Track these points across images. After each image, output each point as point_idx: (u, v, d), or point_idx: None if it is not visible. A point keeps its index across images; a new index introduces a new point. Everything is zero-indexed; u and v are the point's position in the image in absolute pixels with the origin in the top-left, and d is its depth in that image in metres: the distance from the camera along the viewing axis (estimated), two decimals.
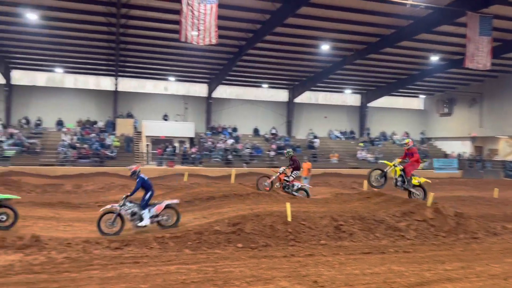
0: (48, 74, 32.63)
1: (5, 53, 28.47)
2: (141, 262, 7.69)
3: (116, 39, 24.90)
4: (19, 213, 10.33)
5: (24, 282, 6.49)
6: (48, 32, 24.42)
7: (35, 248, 8.12)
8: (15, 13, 21.91)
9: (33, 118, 31.29)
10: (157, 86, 35.39)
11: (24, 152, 26.65)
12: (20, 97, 31.78)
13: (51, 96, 32.55)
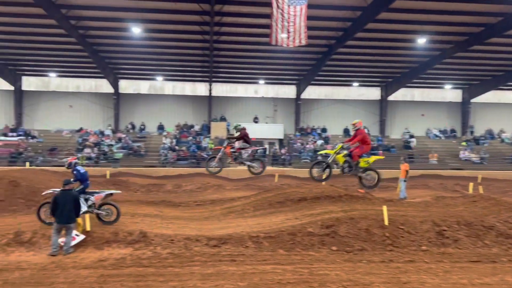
0: (150, 82, 35.31)
1: (114, 65, 31.44)
2: (237, 260, 7.94)
3: (210, 46, 26.10)
4: (121, 210, 11.20)
5: (135, 275, 7.08)
6: (150, 44, 26.45)
7: (143, 243, 8.81)
8: (122, 28, 24.08)
9: (137, 123, 34.11)
10: (247, 89, 36.35)
11: (130, 155, 29.15)
12: (127, 104, 34.88)
13: (153, 102, 35.21)
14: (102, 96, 34.63)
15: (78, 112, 34.29)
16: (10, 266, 7.54)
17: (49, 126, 33.11)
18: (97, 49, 27.72)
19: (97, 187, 18.94)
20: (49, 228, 9.18)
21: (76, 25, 23.44)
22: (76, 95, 34.36)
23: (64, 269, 7.34)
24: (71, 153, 27.73)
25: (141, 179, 23.11)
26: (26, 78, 33.73)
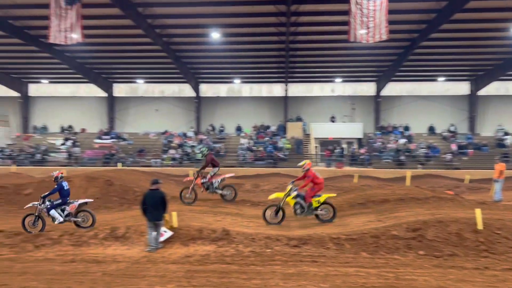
0: (229, 85, 36.37)
1: (195, 70, 32.90)
2: (319, 262, 7.85)
3: (286, 47, 26.21)
4: (204, 208, 11.64)
5: (219, 271, 7.32)
6: (228, 48, 27.26)
7: (226, 241, 9.08)
8: (202, 34, 25.11)
9: (217, 125, 35.33)
10: (324, 88, 35.88)
11: None
12: (207, 107, 36.30)
13: (231, 104, 36.25)
14: (184, 100, 36.38)
15: (163, 115, 36.38)
16: (107, 258, 8.20)
17: (137, 129, 35.54)
18: (180, 55, 29.18)
19: (181, 186, 19.96)
20: (141, 224, 9.84)
21: (161, 34, 24.89)
22: (161, 99, 36.49)
23: (155, 263, 7.82)
24: (157, 154, 29.49)
25: None
26: (117, 85, 36.55)
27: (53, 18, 16.84)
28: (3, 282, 6.67)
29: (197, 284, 6.63)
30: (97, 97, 36.64)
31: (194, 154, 29.92)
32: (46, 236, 9.33)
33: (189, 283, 6.67)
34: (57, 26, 16.87)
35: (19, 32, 24.52)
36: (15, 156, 30.00)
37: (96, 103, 36.92)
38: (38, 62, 31.50)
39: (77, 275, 7.09)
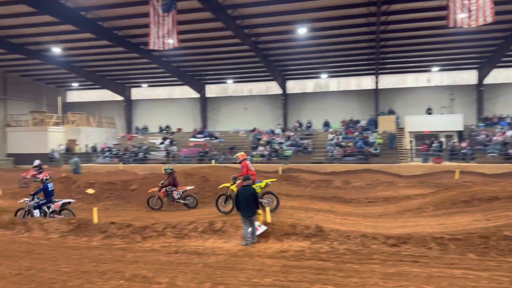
0: (315, 80, 36.04)
1: (282, 67, 33.15)
2: (420, 262, 7.43)
3: (376, 38, 25.18)
4: (295, 204, 11.63)
5: (315, 268, 7.28)
6: (315, 42, 27.00)
7: (319, 237, 8.99)
8: (288, 31, 25.18)
9: (304, 121, 35.21)
10: (418, 79, 33.86)
11: (299, 152, 30.27)
12: (294, 103, 36.38)
13: (318, 100, 35.89)
14: (271, 98, 36.86)
15: (251, 113, 37.27)
16: (207, 251, 8.61)
17: (228, 127, 36.85)
18: (267, 54, 29.59)
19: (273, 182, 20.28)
20: (236, 218, 10.18)
21: (249, 33, 25.45)
22: (249, 98, 37.40)
23: (251, 257, 8.03)
24: (247, 151, 30.25)
25: (310, 175, 23.71)
26: (208, 86, 38.26)
27: (152, 26, 18.13)
28: (117, 270, 7.34)
29: (294, 279, 6.66)
30: (190, 98, 38.71)
31: (282, 151, 30.16)
32: (152, 228, 10.06)
33: (286, 278, 6.72)
34: (155, 33, 18.13)
35: (122, 41, 26.81)
36: (121, 154, 32.90)
37: (190, 104, 39.03)
38: (138, 68, 34.17)
39: (181, 266, 7.54)
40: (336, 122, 34.13)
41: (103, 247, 9.14)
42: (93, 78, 35.80)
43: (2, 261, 8.06)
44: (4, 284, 6.69)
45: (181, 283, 6.62)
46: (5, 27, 25.16)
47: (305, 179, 21.90)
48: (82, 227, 10.37)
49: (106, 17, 23.72)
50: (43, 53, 29.79)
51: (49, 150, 33.51)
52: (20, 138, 34.99)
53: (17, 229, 10.70)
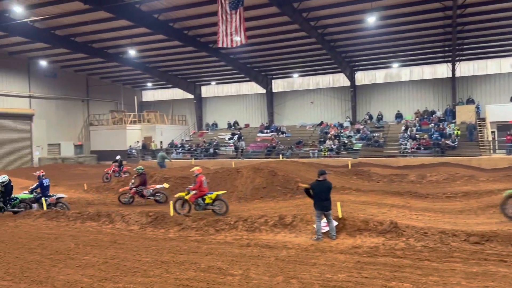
0: (386, 70, 34.66)
1: (350, 58, 32.29)
2: (508, 261, 6.89)
3: (453, 23, 23.60)
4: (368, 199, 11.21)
5: (390, 264, 7.02)
6: (385, 31, 25.94)
7: (394, 234, 8.65)
8: (357, 21, 24.42)
9: (374, 114, 34.04)
10: (502, 64, 31.23)
11: (369, 145, 29.36)
12: (363, 95, 35.32)
13: (389, 91, 34.52)
14: (339, 90, 36.12)
15: (318, 107, 36.81)
16: (278, 244, 8.66)
17: (294, 122, 36.74)
18: (334, 45, 29.00)
19: (340, 177, 19.91)
20: (306, 213, 10.13)
21: (315, 26, 25.08)
22: (316, 91, 36.96)
23: (323, 252, 7.94)
24: (314, 145, 29.95)
25: (381, 169, 22.92)
26: (275, 81, 38.37)
27: (220, 24, 18.53)
28: (193, 261, 7.64)
29: (369, 276, 6.48)
30: (257, 94, 39.13)
31: (351, 144, 29.44)
32: (224, 221, 10.33)
33: (360, 275, 6.56)
34: (223, 31, 18.51)
35: (192, 40, 27.74)
36: (193, 150, 34.17)
37: (257, 100, 39.46)
38: (207, 66, 35.19)
39: (253, 259, 7.66)
40: (409, 114, 32.60)
41: (179, 239, 9.56)
42: (165, 77, 37.49)
43: (90, 250, 8.75)
44: (92, 272, 7.25)
45: (254, 275, 6.73)
46: (86, 33, 27.15)
47: (376, 173, 21.20)
48: (159, 219, 10.92)
49: (177, 18, 24.67)
50: (120, 55, 31.74)
51: (127, 147, 35.73)
52: (102, 136, 37.71)
53: (102, 220, 11.54)
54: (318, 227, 8.88)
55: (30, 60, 32.74)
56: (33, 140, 33.14)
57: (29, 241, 9.75)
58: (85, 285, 6.58)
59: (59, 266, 7.62)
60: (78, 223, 11.60)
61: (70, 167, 32.10)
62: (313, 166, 22.22)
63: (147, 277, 6.84)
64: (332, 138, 30.50)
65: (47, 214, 12.52)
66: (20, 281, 6.94)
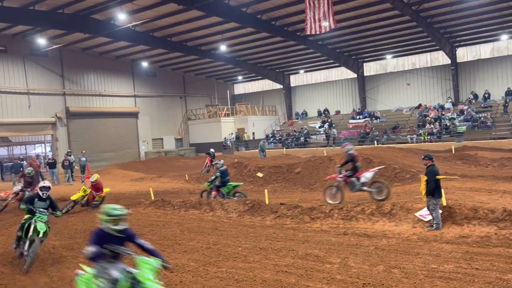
0: (492, 44, 31.34)
1: (449, 33, 29.74)
2: None
3: None
4: (476, 186, 10.33)
5: (504, 256, 6.44)
6: (489, 0, 23.38)
7: (508, 222, 7.90)
8: None
9: (480, 93, 31.06)
10: None
11: (475, 127, 26.92)
12: (466, 73, 32.38)
13: (497, 66, 31.19)
14: (438, 69, 33.62)
15: (415, 88, 34.67)
16: (377, 233, 8.41)
17: (389, 106, 35.08)
18: (431, 22, 26.97)
19: (443, 162, 18.57)
20: (406, 201, 9.66)
21: (409, 3, 23.55)
22: (412, 72, 34.82)
23: (427, 242, 7.53)
24: (413, 129, 28.34)
25: (490, 153, 20.91)
26: (366, 65, 36.92)
27: (307, 11, 18.34)
28: (291, 248, 7.76)
29: (480, 268, 6.00)
30: (348, 79, 38.06)
31: (454, 127, 27.26)
32: (319, 209, 10.30)
33: (470, 266, 6.11)
34: (311, 18, 18.30)
35: (280, 30, 27.83)
36: (284, 140, 34.47)
37: (347, 85, 38.40)
38: (295, 55, 35.07)
39: (351, 247, 7.54)
40: None
41: (275, 226, 9.77)
42: (255, 69, 38.22)
43: (194, 236, 9.34)
44: (197, 256, 7.75)
45: (353, 264, 6.63)
46: (181, 33, 28.73)
47: (484, 157, 19.42)
48: (256, 207, 11.27)
49: (264, 9, 24.92)
50: (212, 51, 33.05)
51: (222, 139, 37.28)
52: (199, 129, 39.83)
53: (203, 208, 12.24)
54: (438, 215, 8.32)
55: (133, 62, 35.65)
56: (139, 136, 36.18)
57: (140, 227, 10.70)
58: (191, 269, 7.06)
59: (167, 251, 8.26)
60: (182, 211, 12.45)
61: (172, 159, 34.48)
62: (411, 152, 21.09)
63: (248, 263, 7.12)
64: (432, 122, 28.54)
65: (155, 203, 13.65)
66: None
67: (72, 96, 31.55)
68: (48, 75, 30.18)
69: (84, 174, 24.89)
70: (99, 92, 33.32)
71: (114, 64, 34.45)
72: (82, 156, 25.02)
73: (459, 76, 32.31)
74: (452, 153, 21.10)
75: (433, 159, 8.68)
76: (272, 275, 6.44)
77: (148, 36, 28.40)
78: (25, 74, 28.78)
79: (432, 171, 8.50)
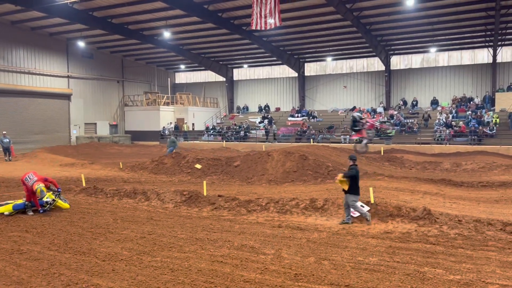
0: (423, 55, 33.65)
1: (386, 42, 31.47)
2: None
3: (496, 5, 22.58)
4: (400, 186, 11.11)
5: (422, 250, 7.02)
6: (424, 14, 25.07)
7: (427, 220, 8.60)
8: (394, 3, 23.71)
9: (409, 99, 33.25)
10: None
11: (403, 131, 28.79)
12: (398, 80, 34.49)
13: (425, 76, 33.54)
14: (373, 75, 35.41)
15: (351, 91, 36.29)
16: (309, 227, 8.78)
17: (326, 106, 36.41)
18: (370, 29, 28.35)
19: (372, 163, 19.74)
20: (337, 198, 10.17)
21: (351, 8, 24.55)
22: (349, 75, 36.37)
23: (354, 236, 8.00)
24: (346, 130, 29.67)
25: (415, 156, 22.52)
26: (307, 65, 37.97)
27: (254, 6, 18.49)
28: (227, 239, 7.88)
29: (400, 261, 6.51)
30: (289, 77, 38.91)
31: (385, 130, 28.95)
32: (256, 202, 10.52)
33: (392, 259, 6.60)
34: (258, 13, 18.48)
35: (226, 23, 27.73)
36: (224, 133, 34.53)
37: (288, 83, 39.26)
38: (240, 49, 35.18)
39: (285, 239, 7.82)
40: (446, 100, 31.68)
41: (212, 218, 9.83)
42: (198, 60, 37.76)
43: (128, 225, 9.14)
44: (131, 245, 7.61)
45: (286, 255, 6.89)
46: (123, 15, 27.60)
47: (409, 160, 20.88)
48: (193, 198, 11.25)
49: (211, 0, 24.69)
50: (155, 37, 32.15)
51: (161, 128, 36.46)
52: (136, 116, 38.59)
53: (138, 198, 11.98)
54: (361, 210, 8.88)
55: (68, 41, 33.67)
56: (71, 119, 34.33)
57: (70, 214, 10.26)
58: (124, 258, 6.92)
59: (100, 239, 8.03)
60: (115, 199, 12.10)
61: (106, 146, 33.14)
62: (344, 151, 22.06)
63: (183, 253, 7.12)
64: None
65: (86, 190, 13.11)
66: (65, 251, 7.36)
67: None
68: None
69: (8, 157, 23.32)
70: (28, 69, 31.10)
71: (47, 41, 32.30)
72: (3, 137, 23.31)
73: (392, 82, 34.35)
74: (381, 155, 22.43)
75: (356, 160, 9.34)
76: (207, 265, 6.51)
77: (87, 15, 26.94)
78: None
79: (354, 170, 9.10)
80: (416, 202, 10.61)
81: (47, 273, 6.30)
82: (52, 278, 6.11)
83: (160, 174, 18.10)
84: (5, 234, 8.55)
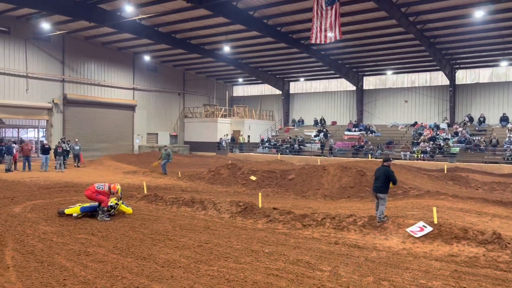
0: (492, 69, 31.82)
1: (451, 55, 30.15)
2: None
3: None
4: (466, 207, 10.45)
5: (491, 277, 6.54)
6: (493, 26, 23.80)
7: (497, 245, 8.01)
8: (460, 16, 22.72)
9: (476, 115, 31.46)
10: None
11: (468, 149, 27.24)
12: (463, 95, 32.81)
13: (494, 91, 31.65)
14: (437, 89, 34.00)
15: (412, 106, 35.02)
16: (367, 245, 8.50)
17: (385, 121, 35.38)
18: (434, 42, 27.33)
19: (435, 181, 18.79)
20: (397, 216, 9.78)
21: (414, 21, 23.85)
22: (410, 90, 35.17)
23: (416, 257, 7.63)
24: (407, 146, 28.58)
25: (481, 176, 21.18)
26: (366, 78, 37.23)
27: (314, 20, 18.49)
28: (282, 252, 7.82)
29: (467, 287, 6.10)
30: (347, 91, 38.34)
31: (448, 147, 27.55)
32: (311, 217, 10.38)
33: (457, 284, 6.21)
34: (318, 27, 18.44)
35: (284, 37, 28.01)
36: (279, 146, 34.59)
37: (346, 97, 38.67)
38: (297, 63, 35.30)
39: (342, 257, 7.61)
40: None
41: (267, 230, 9.82)
42: (256, 73, 38.36)
43: (186, 233, 9.37)
44: (189, 253, 7.78)
45: (344, 273, 6.70)
46: (186, 30, 28.78)
47: (475, 180, 19.65)
48: (248, 210, 11.31)
49: (271, 14, 25.08)
50: (216, 51, 33.14)
51: (217, 139, 37.28)
52: (195, 128, 39.83)
53: (195, 207, 12.26)
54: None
55: (135, 55, 35.61)
56: (134, 129, 36.09)
57: (132, 220, 10.71)
58: (182, 265, 7.08)
59: (159, 246, 8.29)
60: (174, 207, 12.47)
61: None
62: (404, 169, 21.24)
63: (239, 264, 7.16)
64: (427, 140, 28.83)
65: (147, 198, 13.64)
66: (127, 255, 7.67)
67: (70, 84, 31.42)
68: (49, 61, 30.06)
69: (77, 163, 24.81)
70: (98, 82, 33.23)
71: (115, 55, 34.39)
72: (75, 144, 24.93)
73: (457, 97, 32.72)
74: (444, 173, 21.35)
75: (388, 162, 10.38)
76: (263, 277, 6.49)
77: (152, 31, 28.42)
78: (26, 58, 28.65)
79: (388, 171, 9.99)
80: (483, 225, 9.94)
81: (111, 276, 6.59)
82: (115, 281, 6.38)
83: (216, 184, 18.45)
84: (74, 236, 9.08)
